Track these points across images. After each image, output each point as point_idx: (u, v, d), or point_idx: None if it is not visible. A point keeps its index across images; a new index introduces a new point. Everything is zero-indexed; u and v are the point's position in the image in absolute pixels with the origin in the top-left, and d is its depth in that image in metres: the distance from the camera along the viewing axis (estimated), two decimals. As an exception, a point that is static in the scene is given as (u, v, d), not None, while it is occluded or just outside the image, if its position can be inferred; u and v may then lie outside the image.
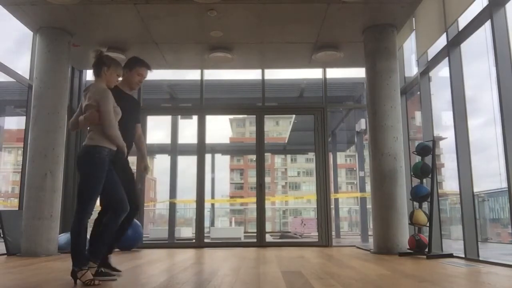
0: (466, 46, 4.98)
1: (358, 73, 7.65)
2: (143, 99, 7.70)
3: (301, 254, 5.66)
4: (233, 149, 25.62)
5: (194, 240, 7.46)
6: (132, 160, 3.83)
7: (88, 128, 3.26)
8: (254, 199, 7.51)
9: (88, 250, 3.19)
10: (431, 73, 6.05)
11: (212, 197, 13.32)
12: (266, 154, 8.17)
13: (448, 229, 8.57)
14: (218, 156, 15.20)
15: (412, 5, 5.57)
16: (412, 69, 6.86)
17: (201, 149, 7.51)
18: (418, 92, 6.21)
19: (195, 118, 7.71)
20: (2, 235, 5.69)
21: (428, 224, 5.14)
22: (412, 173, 5.52)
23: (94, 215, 3.31)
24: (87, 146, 3.18)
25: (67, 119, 6.38)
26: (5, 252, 5.60)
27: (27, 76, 6.45)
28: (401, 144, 5.85)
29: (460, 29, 4.97)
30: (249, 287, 2.97)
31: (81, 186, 3.17)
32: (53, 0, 5.13)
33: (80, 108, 3.34)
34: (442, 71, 5.71)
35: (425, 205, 5.30)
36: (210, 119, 7.80)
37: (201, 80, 7.71)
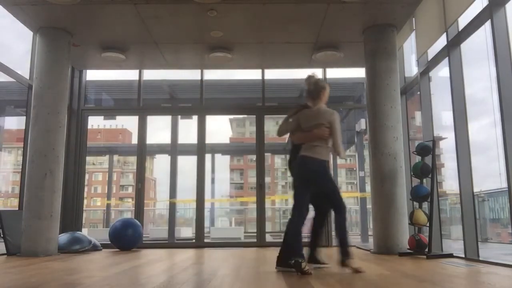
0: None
1: (358, 73, 7.64)
2: (143, 99, 7.71)
3: (301, 254, 5.64)
4: (233, 149, 25.58)
5: (194, 240, 7.46)
6: (132, 160, 3.85)
7: (315, 143, 3.79)
8: (254, 198, 7.51)
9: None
10: (431, 73, 6.05)
11: (212, 197, 13.34)
12: (266, 154, 8.16)
13: (448, 229, 8.55)
14: (218, 156, 15.18)
15: (412, 5, 5.57)
16: (412, 69, 6.87)
17: (201, 149, 7.51)
18: (418, 92, 6.22)
19: (195, 118, 7.71)
20: (2, 235, 5.68)
21: (428, 224, 5.14)
22: (412, 173, 5.52)
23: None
24: (322, 160, 3.77)
25: (67, 119, 6.39)
26: (5, 252, 5.60)
27: (27, 76, 6.46)
28: (401, 144, 5.84)
29: (460, 29, 4.97)
30: (249, 287, 2.98)
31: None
32: (53, 0, 5.13)
33: (295, 122, 3.96)
34: (442, 71, 5.71)
35: (425, 205, 5.30)
36: (210, 119, 7.80)
37: (201, 80, 7.71)
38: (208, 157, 9.88)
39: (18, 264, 4.61)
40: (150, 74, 8.00)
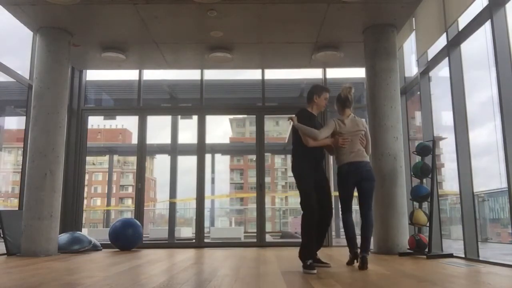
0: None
1: (358, 73, 7.64)
2: (143, 99, 7.71)
3: (301, 254, 5.64)
4: (233, 149, 25.61)
5: (194, 240, 7.46)
6: (132, 160, 3.85)
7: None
8: (254, 194, 7.52)
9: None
10: (431, 73, 6.05)
11: (212, 195, 13.33)
12: (266, 154, 8.17)
13: (448, 229, 8.55)
14: (218, 156, 15.19)
15: (412, 5, 5.57)
16: (412, 69, 6.86)
17: (201, 149, 7.51)
18: (418, 92, 6.22)
19: (195, 118, 7.71)
20: (2, 235, 5.69)
21: (428, 224, 5.14)
22: (412, 173, 5.52)
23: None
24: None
25: (67, 119, 6.39)
26: (5, 252, 5.60)
27: (27, 76, 6.46)
28: (401, 144, 5.84)
29: (460, 29, 4.97)
30: (249, 287, 2.97)
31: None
32: (53, 0, 5.13)
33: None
34: (442, 71, 5.71)
35: (425, 205, 5.30)
36: (210, 119, 7.81)
37: (201, 80, 7.72)
38: (208, 157, 9.88)
39: (18, 264, 4.61)
40: (150, 74, 8.00)
